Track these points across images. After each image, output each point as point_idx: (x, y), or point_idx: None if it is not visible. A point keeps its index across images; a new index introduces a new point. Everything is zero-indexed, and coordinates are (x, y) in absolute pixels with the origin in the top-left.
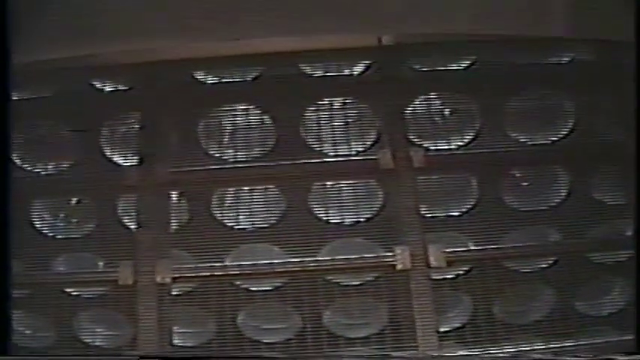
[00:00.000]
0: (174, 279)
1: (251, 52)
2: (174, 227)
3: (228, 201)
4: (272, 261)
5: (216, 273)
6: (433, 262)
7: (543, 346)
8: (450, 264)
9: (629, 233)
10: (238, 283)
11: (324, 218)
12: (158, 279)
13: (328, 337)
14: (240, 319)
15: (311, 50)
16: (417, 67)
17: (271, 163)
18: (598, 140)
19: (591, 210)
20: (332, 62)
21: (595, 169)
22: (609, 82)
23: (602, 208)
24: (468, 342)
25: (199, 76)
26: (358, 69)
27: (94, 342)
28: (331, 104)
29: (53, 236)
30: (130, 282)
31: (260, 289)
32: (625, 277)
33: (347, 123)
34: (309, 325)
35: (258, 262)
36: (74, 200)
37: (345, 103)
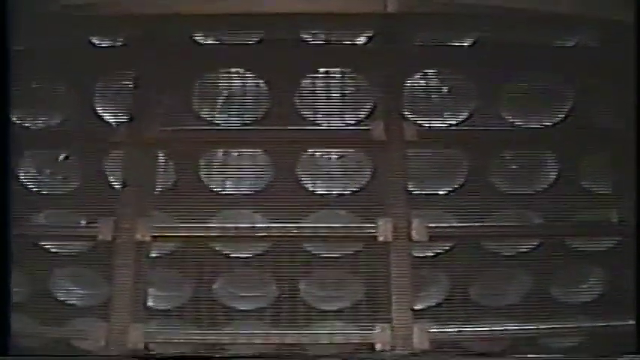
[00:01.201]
0: (154, 238)
1: (253, 11)
2: (159, 187)
3: (216, 165)
4: (253, 225)
5: (195, 234)
6: (415, 235)
7: (516, 328)
8: (432, 239)
9: (614, 221)
10: (217, 248)
11: (311, 188)
12: (138, 236)
13: (303, 308)
14: (216, 285)
15: (314, 14)
16: (419, 41)
17: (261, 128)
18: (592, 128)
19: (577, 197)
20: (334, 30)
21: (585, 157)
22: (610, 69)
23: (588, 196)
24: (442, 320)
25: (198, 36)
26: (359, 40)
27: (69, 300)
28: (328, 74)
29: (38, 191)
30: (109, 238)
31: (239, 255)
32: (603, 266)
33: (343, 94)
34: (285, 295)
35: (240, 225)
36: (62, 156)
37: (342, 74)
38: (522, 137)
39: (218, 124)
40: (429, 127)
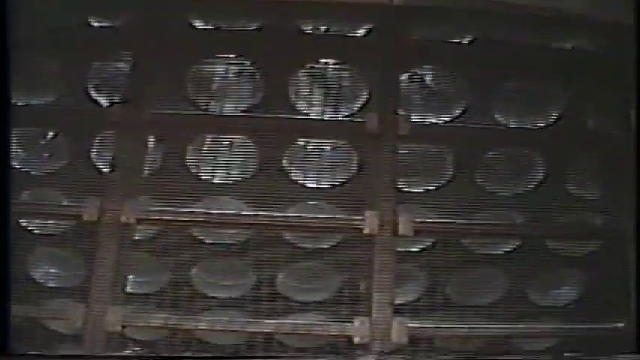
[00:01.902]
0: (139, 221)
1: None
2: (146, 170)
3: (203, 151)
4: (237, 212)
5: (178, 219)
6: (401, 229)
7: (494, 326)
8: (416, 234)
9: (597, 225)
10: (198, 235)
11: (298, 179)
12: (122, 219)
13: (282, 299)
14: (194, 271)
15: (316, 3)
16: (418, 36)
17: (252, 115)
18: (582, 131)
19: (561, 200)
20: (334, 20)
21: (573, 160)
22: (606, 73)
23: (572, 200)
24: (421, 316)
25: (196, 21)
26: (358, 32)
27: (47, 283)
28: (323, 65)
29: (24, 170)
30: (95, 219)
31: (219, 242)
32: (582, 270)
33: (338, 86)
34: (264, 285)
35: (223, 212)
36: (50, 135)
37: (338, 66)
38: (512, 137)
39: (210, 110)
40: (423, 123)
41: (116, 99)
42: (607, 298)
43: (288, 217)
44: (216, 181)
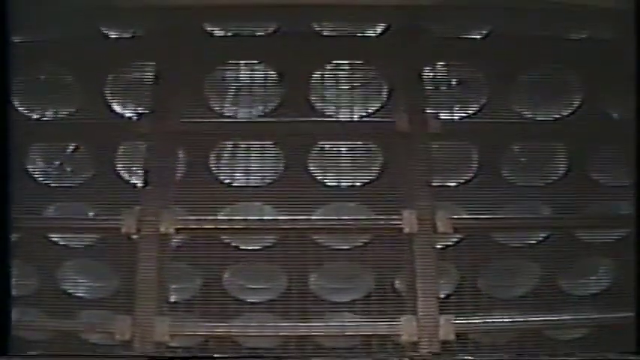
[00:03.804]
0: (177, 230)
1: (268, 3)
2: (176, 180)
3: (227, 157)
4: (274, 217)
5: (216, 226)
6: (440, 227)
7: (522, 319)
8: (456, 231)
9: (623, 213)
10: (228, 240)
11: (325, 181)
12: (162, 229)
13: (313, 300)
14: (226, 276)
15: (329, 5)
16: (434, 33)
17: (277, 120)
18: (602, 120)
19: (586, 189)
20: (349, 21)
21: (596, 149)
22: (622, 62)
23: (597, 188)
24: (465, 312)
25: (212, 28)
26: (372, 32)
27: (77, 292)
28: (344, 66)
29: (46, 184)
30: (133, 230)
31: (250, 247)
32: (612, 258)
33: (357, 86)
34: (294, 287)
35: (262, 217)
36: (70, 148)
37: (356, 66)
38: (535, 129)
39: (234, 117)
40: (452, 119)
41: (140, 110)
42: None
43: (327, 219)
44: (244, 186)
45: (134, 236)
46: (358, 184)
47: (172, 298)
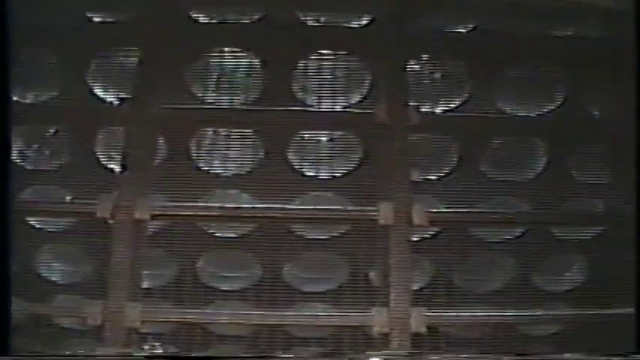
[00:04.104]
0: (153, 216)
1: None
2: (154, 166)
3: (207, 144)
4: (251, 205)
5: (192, 213)
6: (416, 220)
7: (495, 314)
8: (431, 224)
9: (599, 211)
10: (204, 228)
11: (303, 170)
12: (137, 215)
13: (286, 290)
14: (200, 264)
15: None
16: (419, 25)
17: (259, 108)
18: (583, 119)
19: (564, 186)
20: (336, 11)
21: (575, 147)
22: (608, 60)
23: (575, 186)
24: (437, 305)
25: (197, 15)
26: (358, 23)
27: (50, 277)
28: (326, 56)
29: (24, 166)
30: (109, 215)
31: (225, 235)
32: (587, 255)
33: (339, 76)
34: (268, 276)
35: (239, 205)
36: (50, 132)
37: (340, 57)
38: (515, 125)
39: (215, 104)
40: (432, 112)
41: (122, 95)
42: (614, 284)
43: (303, 209)
44: (223, 174)
45: (109, 221)
46: (337, 174)
47: (145, 285)
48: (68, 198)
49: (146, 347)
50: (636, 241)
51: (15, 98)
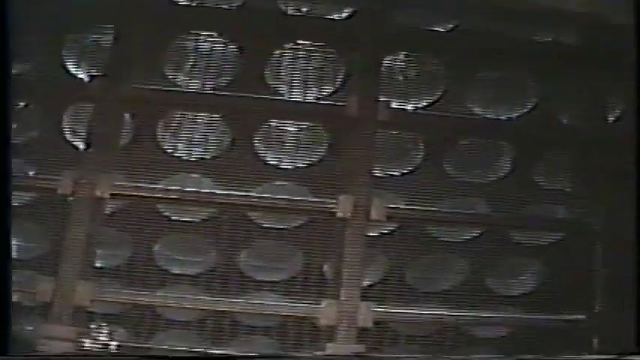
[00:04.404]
0: (113, 195)
1: None
2: (119, 146)
3: (177, 127)
4: (210, 190)
5: (152, 195)
6: (374, 214)
7: (444, 314)
8: (388, 219)
9: (559, 217)
10: (162, 210)
11: (268, 159)
12: (97, 193)
13: (238, 277)
14: (156, 246)
15: None
16: (399, 22)
17: (229, 94)
18: (552, 125)
19: (526, 191)
20: (316, 3)
21: (541, 152)
22: (584, 68)
23: (537, 191)
24: (386, 301)
25: None
26: (338, 15)
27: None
28: (304, 46)
29: None
30: (69, 192)
31: (183, 219)
32: (542, 261)
33: (314, 68)
34: (222, 262)
35: (199, 190)
36: (20, 105)
37: (318, 48)
38: (484, 127)
39: (187, 87)
40: (403, 109)
41: (94, 72)
42: (568, 291)
43: (262, 197)
44: (187, 158)
45: (69, 198)
46: (300, 165)
47: (98, 264)
48: (31, 173)
49: (93, 326)
50: (636, 241)
51: None
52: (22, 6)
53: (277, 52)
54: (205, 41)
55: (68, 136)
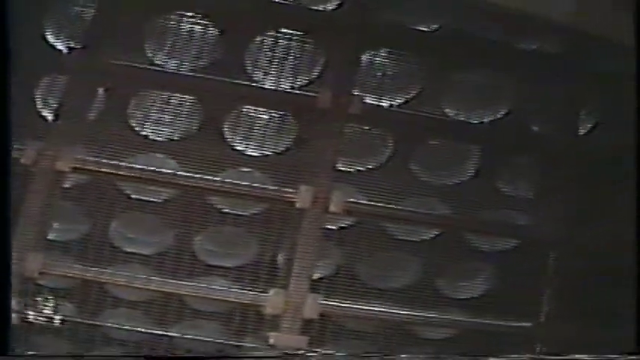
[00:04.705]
0: (74, 169)
1: None
2: (88, 120)
3: (146, 105)
4: (173, 171)
5: (115, 171)
6: (333, 207)
7: (390, 311)
8: (346, 213)
9: (518, 224)
10: (123, 188)
11: (235, 145)
12: (58, 165)
13: (191, 260)
14: (113, 224)
15: None
16: (383, 19)
17: (204, 76)
18: (522, 132)
19: (488, 196)
20: None
21: (508, 158)
22: (562, 78)
23: (499, 196)
24: (334, 295)
25: None
26: (323, 6)
27: None
28: (285, 34)
29: None
30: (31, 162)
31: (143, 198)
32: (495, 266)
33: (292, 57)
34: (177, 244)
35: (161, 170)
36: None
37: (299, 37)
38: (453, 129)
39: (165, 67)
40: (377, 104)
41: (72, 44)
42: (516, 297)
43: (223, 182)
44: (155, 137)
45: (31, 169)
46: (267, 153)
47: (52, 236)
48: None
49: (39, 299)
50: (636, 241)
51: None
52: None
53: (258, 38)
54: (188, 22)
55: (39, 107)
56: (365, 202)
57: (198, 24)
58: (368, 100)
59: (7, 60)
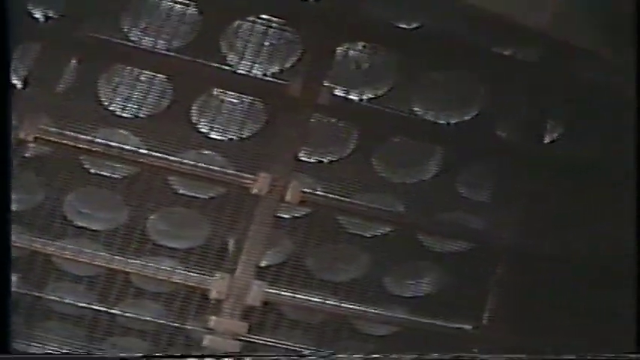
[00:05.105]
0: (36, 139)
1: None
2: (56, 90)
3: (116, 81)
4: (135, 149)
5: (75, 144)
6: (288, 196)
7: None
8: (301, 203)
9: (472, 227)
10: (84, 162)
11: (199, 127)
12: (21, 135)
13: (140, 238)
14: (68, 197)
15: None
16: (363, 12)
17: (177, 55)
18: (488, 136)
19: (446, 197)
20: None
21: (469, 161)
22: (534, 86)
23: (456, 198)
24: (279, 282)
25: None
26: None
27: None
28: (263, 20)
29: None
30: None
31: (102, 173)
32: (443, 267)
33: (271, 45)
34: (130, 221)
35: (123, 146)
36: None
37: (276, 24)
38: (419, 128)
39: (140, 44)
40: (345, 97)
41: (50, 13)
42: (461, 300)
43: (182, 163)
44: (121, 113)
45: None
46: (231, 137)
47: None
48: None
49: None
50: (636, 242)
51: None
52: None
53: (237, 22)
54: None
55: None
56: (321, 193)
57: (178, 3)
58: (337, 92)
59: (7, 59)
